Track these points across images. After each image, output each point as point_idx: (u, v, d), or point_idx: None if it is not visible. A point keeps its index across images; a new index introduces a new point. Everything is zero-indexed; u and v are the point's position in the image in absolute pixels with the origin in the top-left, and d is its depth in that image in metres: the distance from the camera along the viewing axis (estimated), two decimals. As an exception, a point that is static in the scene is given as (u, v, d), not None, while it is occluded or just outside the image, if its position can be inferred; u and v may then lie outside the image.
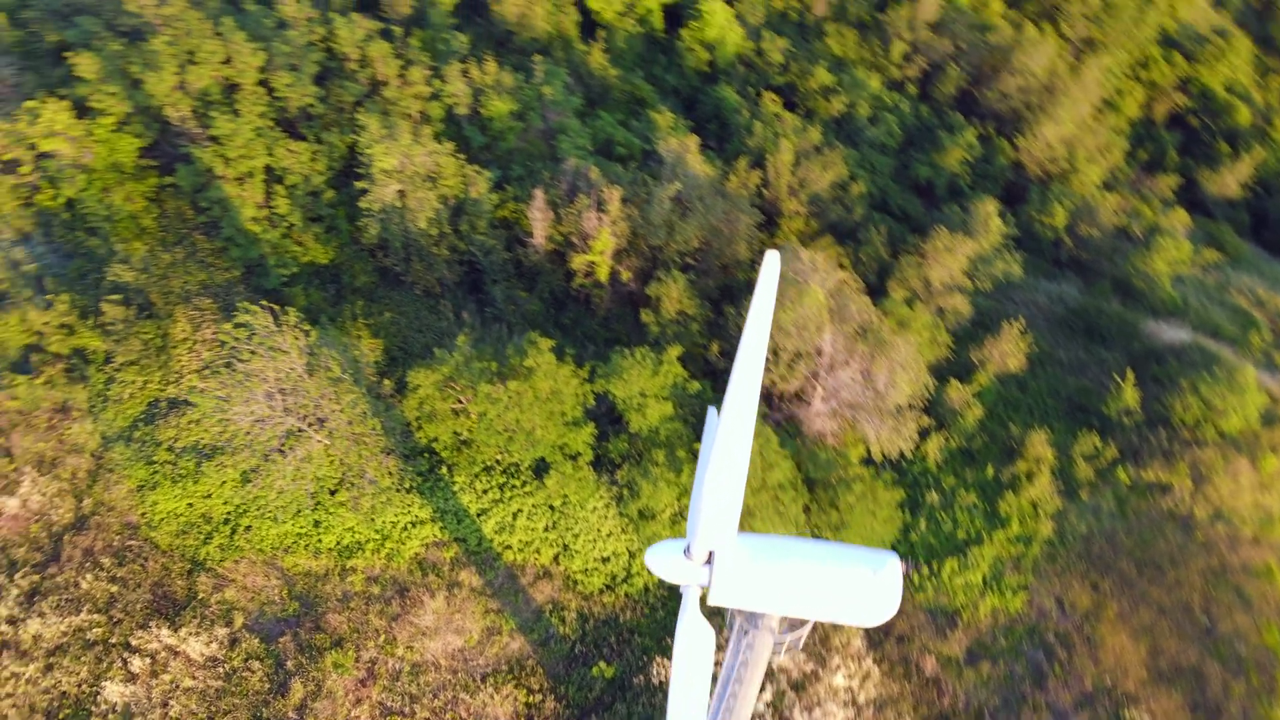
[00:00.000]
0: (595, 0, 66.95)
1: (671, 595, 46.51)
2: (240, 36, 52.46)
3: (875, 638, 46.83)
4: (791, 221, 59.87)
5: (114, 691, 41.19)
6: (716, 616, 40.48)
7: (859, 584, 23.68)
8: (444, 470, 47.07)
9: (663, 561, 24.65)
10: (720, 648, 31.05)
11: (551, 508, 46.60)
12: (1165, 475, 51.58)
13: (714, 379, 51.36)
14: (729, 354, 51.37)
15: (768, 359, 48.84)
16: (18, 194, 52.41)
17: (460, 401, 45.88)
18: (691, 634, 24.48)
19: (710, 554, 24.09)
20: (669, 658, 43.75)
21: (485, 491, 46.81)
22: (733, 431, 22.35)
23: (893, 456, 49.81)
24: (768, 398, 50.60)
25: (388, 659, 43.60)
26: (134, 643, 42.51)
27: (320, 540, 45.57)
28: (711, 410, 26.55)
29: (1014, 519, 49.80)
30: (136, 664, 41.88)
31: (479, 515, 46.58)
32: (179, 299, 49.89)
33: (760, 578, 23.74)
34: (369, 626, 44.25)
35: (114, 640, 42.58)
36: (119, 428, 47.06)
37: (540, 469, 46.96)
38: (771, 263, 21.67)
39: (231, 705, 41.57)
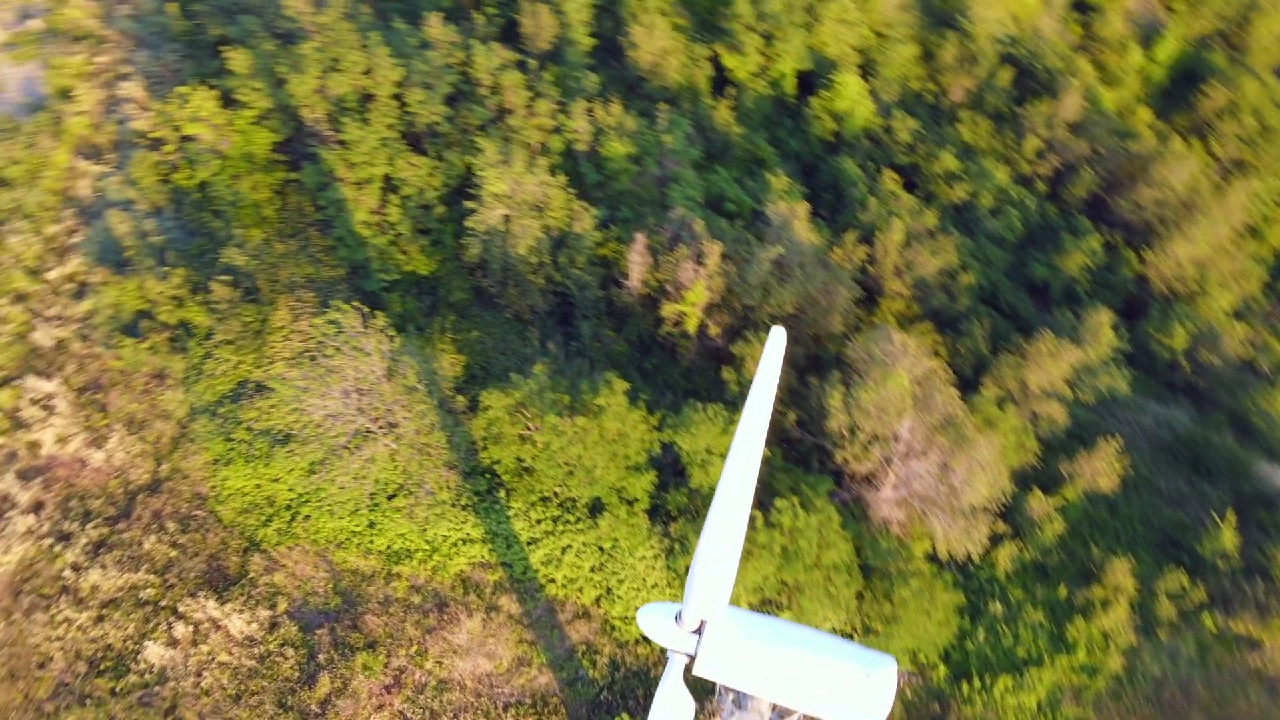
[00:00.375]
0: (730, 59, 67.60)
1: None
2: (384, 51, 54.92)
3: (912, 744, 44.58)
4: (892, 302, 58.65)
5: (154, 653, 42.46)
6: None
7: (848, 683, 22.40)
8: (501, 493, 47.34)
9: (654, 622, 24.02)
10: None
11: (601, 549, 46.24)
12: (1256, 630, 47.85)
13: (786, 447, 50.38)
14: (805, 424, 50.38)
15: (843, 436, 47.69)
16: (158, 170, 55.95)
17: (528, 429, 46.19)
18: (671, 702, 23.65)
19: (702, 624, 23.35)
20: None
21: (538, 521, 46.81)
22: (730, 503, 21.84)
23: (959, 558, 47.67)
24: (837, 475, 49.29)
25: (415, 670, 43.73)
26: (181, 609, 43.84)
27: (372, 542, 46.28)
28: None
29: (1081, 646, 46.91)
30: (180, 630, 43.13)
31: (528, 544, 46.56)
32: (284, 288, 51.98)
33: (747, 656, 22.68)
34: (403, 634, 44.54)
35: (164, 603, 44.02)
36: (207, 401, 49.07)
37: (595, 508, 46.72)
38: (777, 338, 21.37)
39: (260, 687, 42.29)
